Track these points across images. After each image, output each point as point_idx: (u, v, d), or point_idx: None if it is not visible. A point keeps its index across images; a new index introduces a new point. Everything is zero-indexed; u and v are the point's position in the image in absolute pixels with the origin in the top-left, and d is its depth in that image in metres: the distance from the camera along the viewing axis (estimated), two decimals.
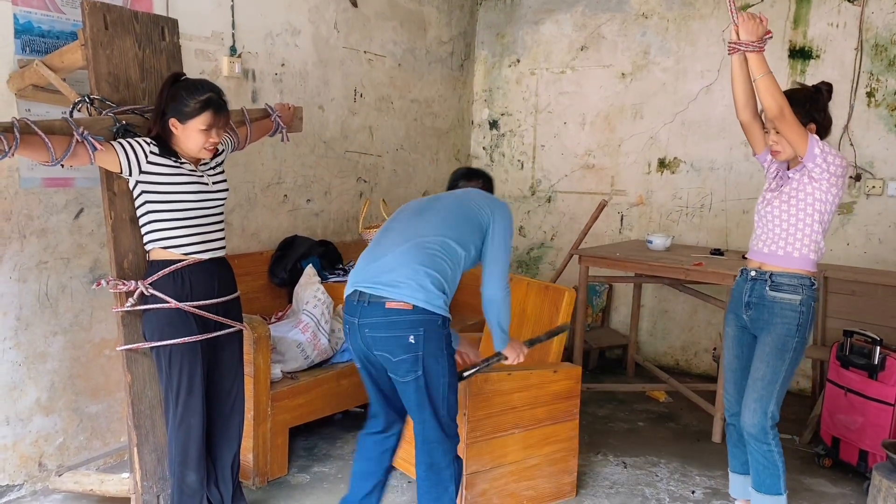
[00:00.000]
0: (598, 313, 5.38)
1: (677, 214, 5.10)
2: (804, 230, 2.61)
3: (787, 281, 2.63)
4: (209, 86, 2.51)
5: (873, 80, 4.39)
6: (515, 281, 3.39)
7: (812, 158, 2.52)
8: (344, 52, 4.52)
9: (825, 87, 2.69)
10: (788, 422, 4.19)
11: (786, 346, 2.62)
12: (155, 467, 2.68)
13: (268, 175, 4.08)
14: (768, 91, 2.48)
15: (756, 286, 2.70)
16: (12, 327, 2.95)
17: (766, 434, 2.64)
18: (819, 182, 2.56)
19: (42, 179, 3.00)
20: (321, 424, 3.70)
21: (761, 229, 2.74)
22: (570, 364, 3.24)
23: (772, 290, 2.65)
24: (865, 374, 3.39)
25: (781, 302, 2.63)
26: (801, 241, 2.62)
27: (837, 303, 4.07)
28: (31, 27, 2.90)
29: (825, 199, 2.58)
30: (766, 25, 2.54)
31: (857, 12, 4.40)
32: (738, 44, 2.55)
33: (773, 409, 2.64)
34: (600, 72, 5.32)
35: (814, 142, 2.52)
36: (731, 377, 2.86)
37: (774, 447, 2.65)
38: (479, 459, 2.88)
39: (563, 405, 3.09)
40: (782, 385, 2.63)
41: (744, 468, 2.89)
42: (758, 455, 2.67)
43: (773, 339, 2.64)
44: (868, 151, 4.44)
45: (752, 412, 2.65)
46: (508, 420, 2.94)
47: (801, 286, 2.63)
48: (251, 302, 3.75)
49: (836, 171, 2.54)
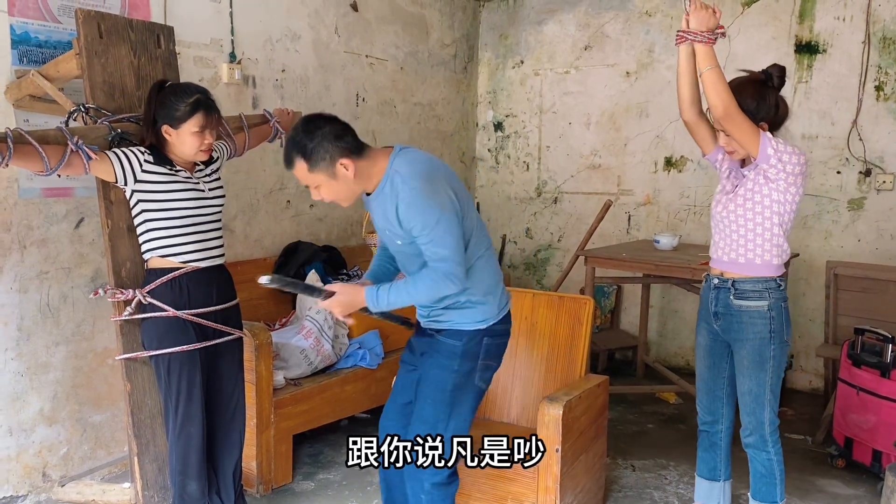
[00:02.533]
0: (606, 314, 5.33)
1: (685, 213, 5.04)
2: (763, 235, 2.44)
3: (752, 287, 2.47)
4: (195, 88, 2.51)
5: (882, 73, 4.33)
6: (517, 294, 3.10)
7: (766, 159, 2.35)
8: (345, 57, 4.50)
9: (776, 71, 2.46)
10: (801, 421, 4.14)
11: (763, 356, 2.50)
12: (156, 477, 2.67)
13: (270, 181, 4.07)
14: (714, 87, 2.28)
15: (720, 295, 2.55)
16: (14, 338, 2.95)
17: (766, 442, 2.57)
18: (776, 182, 2.38)
19: (42, 189, 2.99)
20: (326, 431, 3.68)
21: (718, 235, 2.56)
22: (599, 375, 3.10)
23: (736, 298, 2.50)
24: (878, 373, 3.33)
25: (749, 311, 2.48)
26: (761, 247, 2.45)
27: (848, 300, 4.01)
28: (28, 37, 2.90)
29: (783, 200, 2.41)
30: (719, 19, 2.35)
31: (864, 5, 4.33)
32: (687, 32, 2.35)
33: (770, 416, 2.56)
34: (605, 71, 5.28)
35: (766, 141, 2.33)
36: (704, 387, 2.75)
37: (774, 455, 2.58)
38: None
39: (601, 419, 3.01)
40: (772, 392, 2.54)
41: (712, 474, 2.80)
42: (757, 464, 2.61)
43: (748, 352, 2.51)
44: (878, 146, 4.37)
45: (749, 425, 2.57)
46: (579, 446, 2.77)
47: (767, 290, 2.47)
48: (255, 309, 3.74)
49: (794, 170, 2.36)
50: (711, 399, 2.74)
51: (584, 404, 2.78)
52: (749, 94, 2.39)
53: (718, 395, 2.71)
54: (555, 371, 3.03)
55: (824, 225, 4.57)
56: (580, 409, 2.74)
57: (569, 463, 2.66)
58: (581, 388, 2.79)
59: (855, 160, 4.44)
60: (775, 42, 4.61)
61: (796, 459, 3.63)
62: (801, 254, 4.54)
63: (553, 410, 2.57)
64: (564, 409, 2.58)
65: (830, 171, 4.52)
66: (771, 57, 4.55)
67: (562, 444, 2.57)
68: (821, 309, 4.44)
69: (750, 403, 2.56)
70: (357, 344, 3.68)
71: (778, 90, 2.48)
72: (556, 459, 2.57)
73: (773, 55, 4.56)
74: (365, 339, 3.71)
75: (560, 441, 2.57)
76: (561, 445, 2.57)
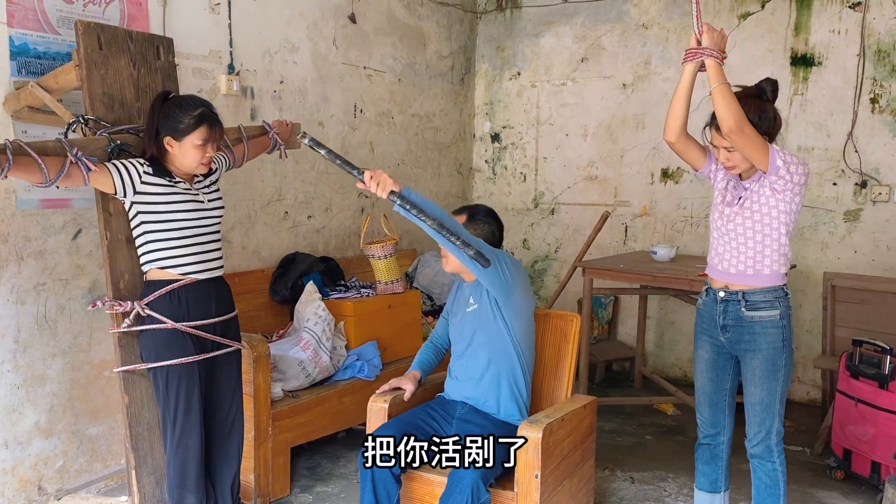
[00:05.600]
0: (604, 325, 5.33)
1: (682, 224, 5.05)
2: (772, 245, 2.45)
3: (762, 297, 2.47)
4: (200, 101, 2.51)
5: (877, 86, 4.35)
6: None
7: (775, 171, 2.36)
8: (343, 68, 4.51)
9: (769, 86, 2.47)
10: (799, 433, 4.14)
11: (776, 366, 2.50)
12: (154, 490, 2.65)
13: (268, 192, 4.07)
14: (726, 101, 2.29)
15: (729, 307, 2.53)
16: (10, 350, 2.93)
17: (772, 453, 2.56)
18: (783, 193, 2.39)
19: (39, 201, 2.99)
20: (324, 443, 3.66)
21: (723, 247, 2.53)
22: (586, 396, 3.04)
23: (749, 310, 2.48)
24: (876, 385, 3.33)
25: (762, 321, 2.48)
26: (770, 258, 2.46)
27: (846, 312, 4.01)
28: (27, 49, 2.90)
29: (790, 210, 2.42)
30: (726, 44, 2.40)
31: (859, 18, 4.37)
32: (700, 49, 2.39)
33: (778, 426, 2.55)
34: (601, 83, 5.30)
35: (775, 153, 2.34)
36: (706, 400, 2.72)
37: (779, 465, 2.57)
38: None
39: (588, 442, 2.91)
40: (781, 402, 2.54)
41: (713, 486, 2.78)
42: (761, 474, 2.60)
43: (761, 361, 2.50)
44: (873, 158, 4.40)
45: (757, 435, 2.56)
46: (561, 472, 2.65)
47: (777, 299, 2.48)
48: (253, 320, 3.73)
49: (800, 180, 2.38)
50: (714, 411, 2.71)
51: (568, 426, 2.66)
52: (751, 109, 2.40)
53: (721, 407, 2.70)
54: (540, 391, 2.96)
55: (821, 236, 4.58)
56: (563, 432, 2.61)
57: (550, 489, 2.52)
58: (565, 410, 2.67)
59: (851, 172, 4.46)
60: (771, 55, 4.64)
61: (795, 471, 3.62)
62: (798, 265, 4.55)
63: (533, 434, 2.44)
64: (545, 433, 2.44)
65: (826, 182, 4.54)
66: (767, 69, 4.58)
67: (542, 470, 2.43)
68: (818, 320, 4.45)
69: (760, 413, 2.54)
70: (355, 356, 3.67)
71: (772, 103, 2.50)
72: (536, 486, 2.43)
73: (768, 68, 4.59)
74: (363, 351, 3.70)
75: (540, 466, 2.43)
76: (541, 471, 2.43)
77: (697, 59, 2.41)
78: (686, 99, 2.49)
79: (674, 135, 2.55)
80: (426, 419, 2.66)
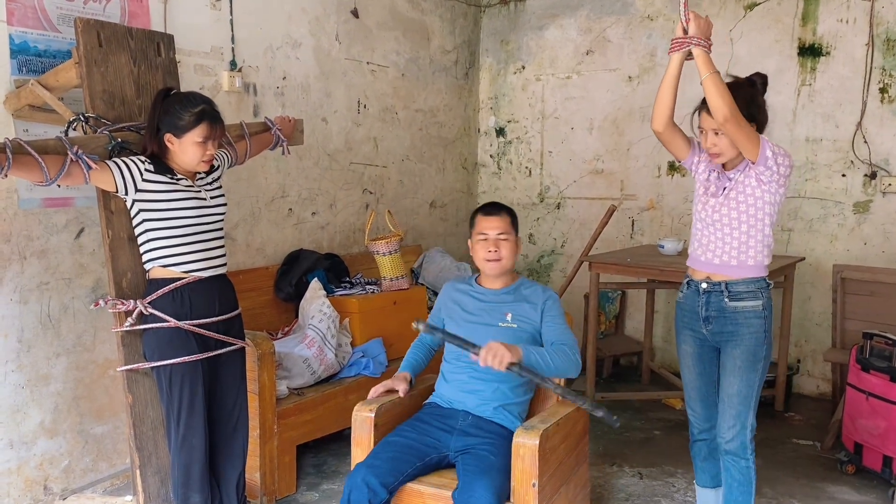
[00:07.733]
0: (611, 320, 5.29)
1: (689, 218, 5.01)
2: (756, 236, 2.45)
3: (745, 288, 2.47)
4: (201, 98, 2.49)
5: (886, 75, 4.30)
6: None
7: (764, 161, 2.36)
8: (346, 64, 4.49)
9: (759, 79, 2.50)
10: (809, 427, 4.11)
11: (756, 357, 2.48)
12: (158, 489, 2.64)
13: (272, 189, 4.05)
14: (717, 90, 2.29)
15: (712, 299, 2.51)
16: (14, 349, 2.92)
17: (746, 449, 2.52)
18: (768, 185, 2.40)
19: (41, 200, 2.97)
20: (330, 441, 3.64)
21: (708, 238, 2.53)
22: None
23: (732, 300, 2.48)
24: (887, 378, 3.29)
25: (745, 311, 2.47)
26: (754, 249, 2.46)
27: (856, 304, 3.97)
28: (27, 47, 2.89)
29: (774, 202, 2.43)
30: (711, 32, 2.40)
31: (867, 7, 4.31)
32: (687, 38, 2.38)
33: (752, 420, 2.52)
34: (607, 76, 5.26)
35: (766, 144, 2.35)
36: (697, 395, 2.68)
37: (752, 462, 2.54)
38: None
39: (582, 445, 2.78)
40: (757, 394, 2.52)
41: (714, 481, 2.75)
42: (734, 472, 2.55)
43: (742, 351, 2.48)
44: (882, 148, 4.34)
45: (731, 428, 2.51)
46: (558, 478, 2.52)
47: (760, 290, 2.48)
48: (257, 318, 3.71)
49: (785, 172, 2.40)
50: (706, 406, 2.67)
51: (563, 431, 2.53)
52: (742, 98, 2.40)
53: (713, 401, 2.65)
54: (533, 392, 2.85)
55: (830, 228, 4.53)
56: (558, 437, 2.48)
57: (548, 497, 2.40)
58: (559, 414, 2.52)
59: (860, 163, 4.41)
60: (778, 45, 4.59)
61: (805, 465, 3.59)
62: (807, 257, 4.51)
63: (529, 441, 2.30)
64: (541, 439, 2.31)
65: (835, 174, 4.49)
66: (774, 60, 4.54)
67: (539, 478, 2.31)
68: (827, 313, 4.41)
69: (737, 406, 2.50)
70: (360, 352, 3.65)
71: (762, 95, 2.51)
72: (534, 495, 2.31)
73: (776, 58, 4.55)
74: (368, 348, 3.68)
75: (537, 475, 2.30)
76: (538, 479, 2.31)
77: (685, 49, 2.41)
78: (673, 88, 2.50)
79: (661, 124, 2.56)
80: (422, 437, 2.49)
